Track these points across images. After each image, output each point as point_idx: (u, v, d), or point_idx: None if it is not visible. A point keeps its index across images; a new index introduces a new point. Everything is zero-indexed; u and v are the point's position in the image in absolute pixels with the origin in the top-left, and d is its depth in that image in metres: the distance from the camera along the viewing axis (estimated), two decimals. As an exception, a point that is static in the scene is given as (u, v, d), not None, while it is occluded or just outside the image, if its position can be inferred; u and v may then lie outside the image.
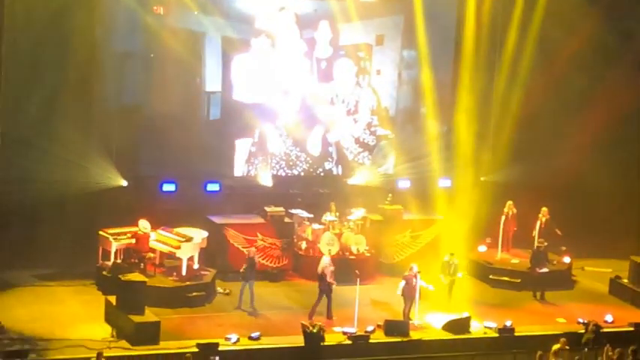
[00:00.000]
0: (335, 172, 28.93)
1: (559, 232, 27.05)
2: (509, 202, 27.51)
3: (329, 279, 23.38)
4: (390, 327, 22.63)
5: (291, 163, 28.51)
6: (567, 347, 21.24)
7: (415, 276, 23.55)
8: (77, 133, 25.67)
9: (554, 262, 26.76)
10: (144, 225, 24.85)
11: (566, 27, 28.90)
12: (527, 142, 29.14)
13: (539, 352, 20.61)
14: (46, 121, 25.20)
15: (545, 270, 25.81)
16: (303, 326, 21.97)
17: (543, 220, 27.14)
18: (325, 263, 23.67)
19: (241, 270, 23.73)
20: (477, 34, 29.00)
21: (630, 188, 29.17)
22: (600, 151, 28.98)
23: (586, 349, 21.98)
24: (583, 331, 22.93)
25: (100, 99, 26.34)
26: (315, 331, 21.86)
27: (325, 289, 23.43)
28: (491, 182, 27.85)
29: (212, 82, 27.74)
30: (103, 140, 26.28)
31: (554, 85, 29.11)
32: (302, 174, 28.66)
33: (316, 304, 23.36)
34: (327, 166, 28.97)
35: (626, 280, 26.28)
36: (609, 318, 24.30)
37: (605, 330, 23.29)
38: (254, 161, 28.20)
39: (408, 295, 23.55)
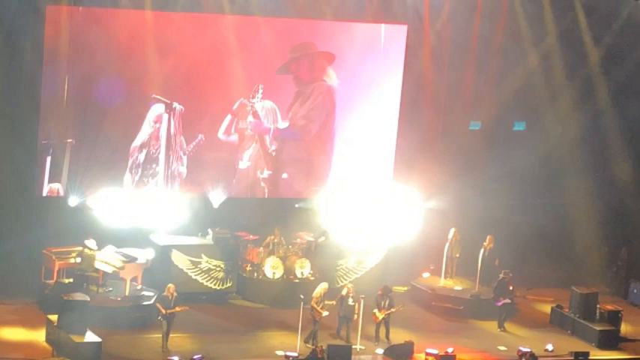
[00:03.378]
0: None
1: (497, 263, 27.10)
2: (454, 229, 27.52)
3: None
4: (333, 352, 22.47)
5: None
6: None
7: (347, 297, 23.69)
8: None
9: (518, 294, 26.91)
10: (91, 244, 24.69)
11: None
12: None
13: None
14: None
15: (507, 301, 25.83)
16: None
17: (487, 248, 27.17)
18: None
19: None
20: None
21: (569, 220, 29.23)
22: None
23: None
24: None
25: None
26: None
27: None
28: (435, 209, 27.60)
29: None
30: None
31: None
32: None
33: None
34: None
35: (567, 310, 26.32)
36: (550, 347, 24.42)
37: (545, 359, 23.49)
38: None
39: (344, 316, 23.72)
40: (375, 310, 24.04)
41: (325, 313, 23.50)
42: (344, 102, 28.45)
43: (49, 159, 25.99)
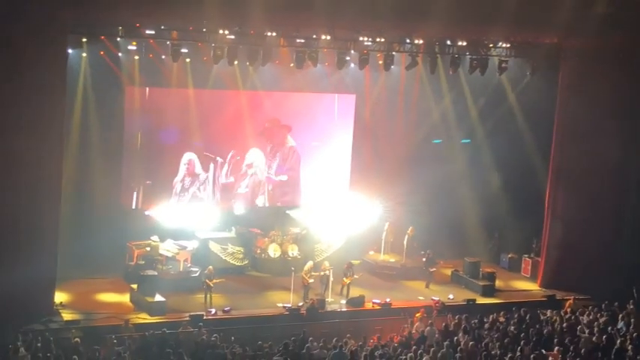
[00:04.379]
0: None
1: (416, 245, 27.39)
2: (387, 223, 27.67)
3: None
4: (315, 303, 23.20)
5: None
6: (425, 315, 22.13)
7: (325, 270, 24.10)
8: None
9: (440, 263, 26.85)
10: (154, 239, 25.08)
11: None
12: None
13: (409, 319, 21.67)
14: None
15: (434, 269, 26.14)
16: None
17: (410, 235, 27.41)
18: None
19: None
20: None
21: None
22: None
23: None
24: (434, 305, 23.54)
25: None
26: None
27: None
28: (375, 210, 27.59)
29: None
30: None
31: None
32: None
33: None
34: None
35: (461, 272, 26.72)
36: (451, 296, 24.93)
37: (448, 304, 24.03)
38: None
39: (321, 282, 24.14)
40: (344, 278, 24.43)
41: (311, 281, 23.88)
42: (309, 153, 28.44)
43: (134, 192, 26.25)
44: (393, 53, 25.39)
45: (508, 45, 25.94)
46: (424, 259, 26.40)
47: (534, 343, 19.91)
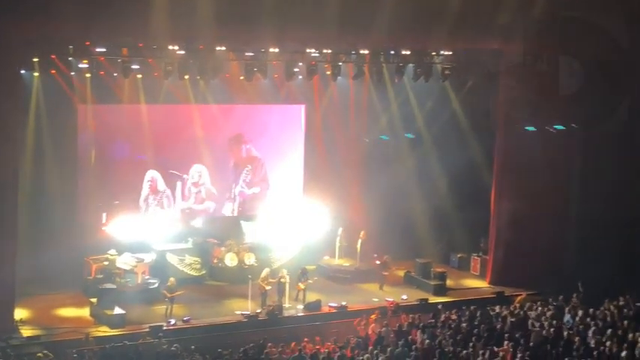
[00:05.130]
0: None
1: (369, 248, 27.57)
2: (341, 228, 27.96)
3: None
4: (273, 309, 23.53)
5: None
6: (380, 316, 22.54)
7: (281, 277, 24.23)
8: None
9: (393, 268, 27.09)
10: (112, 252, 25.01)
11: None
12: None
13: (363, 321, 21.97)
14: None
15: (387, 273, 26.37)
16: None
17: (363, 239, 27.68)
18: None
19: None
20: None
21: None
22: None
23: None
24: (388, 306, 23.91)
25: None
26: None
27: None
28: (329, 217, 27.89)
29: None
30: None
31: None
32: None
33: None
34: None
35: (413, 273, 27.08)
36: (404, 296, 25.28)
37: (402, 305, 24.36)
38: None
39: (278, 289, 24.24)
40: (299, 283, 24.60)
41: (268, 288, 23.97)
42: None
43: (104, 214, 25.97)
44: (340, 64, 25.83)
45: (450, 52, 26.46)
46: (378, 262, 26.72)
47: (486, 338, 20.37)
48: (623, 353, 19.19)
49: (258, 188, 28.82)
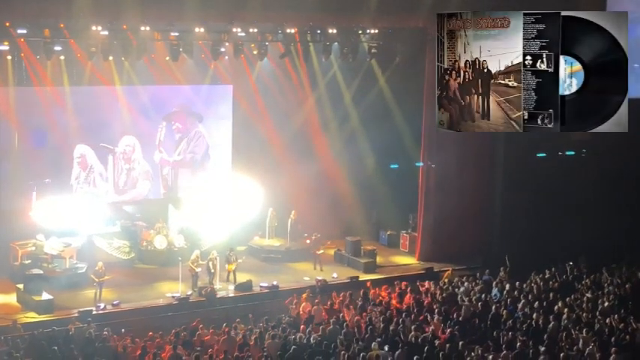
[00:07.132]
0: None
1: (300, 228, 27.57)
2: (271, 208, 27.70)
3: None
4: (210, 290, 23.29)
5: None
6: (311, 295, 22.36)
7: (212, 259, 23.97)
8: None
9: (327, 244, 26.95)
10: (40, 237, 24.49)
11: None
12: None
13: (295, 300, 21.81)
14: None
15: (321, 251, 26.21)
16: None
17: (293, 218, 27.65)
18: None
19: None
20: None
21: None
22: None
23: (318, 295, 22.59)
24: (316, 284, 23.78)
25: None
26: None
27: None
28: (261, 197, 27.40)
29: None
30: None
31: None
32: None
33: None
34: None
35: (343, 251, 27.05)
36: (335, 275, 25.30)
37: (332, 283, 24.37)
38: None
39: (209, 270, 24.00)
40: (227, 264, 24.39)
41: (198, 270, 23.74)
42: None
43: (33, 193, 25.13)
44: (267, 43, 25.45)
45: (376, 31, 26.34)
46: (308, 242, 26.64)
47: (415, 314, 20.38)
48: (550, 325, 19.35)
49: (181, 157, 28.23)
